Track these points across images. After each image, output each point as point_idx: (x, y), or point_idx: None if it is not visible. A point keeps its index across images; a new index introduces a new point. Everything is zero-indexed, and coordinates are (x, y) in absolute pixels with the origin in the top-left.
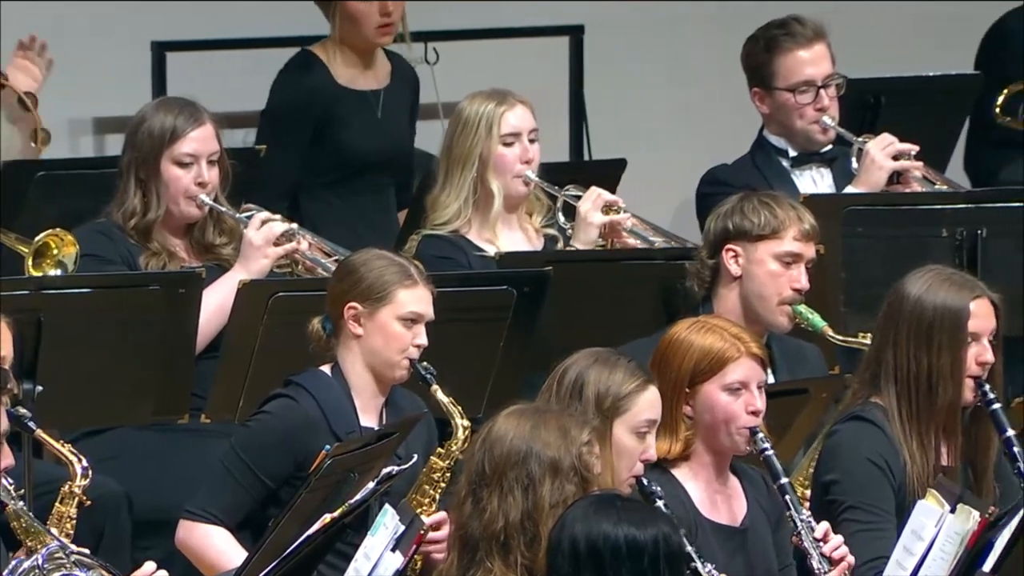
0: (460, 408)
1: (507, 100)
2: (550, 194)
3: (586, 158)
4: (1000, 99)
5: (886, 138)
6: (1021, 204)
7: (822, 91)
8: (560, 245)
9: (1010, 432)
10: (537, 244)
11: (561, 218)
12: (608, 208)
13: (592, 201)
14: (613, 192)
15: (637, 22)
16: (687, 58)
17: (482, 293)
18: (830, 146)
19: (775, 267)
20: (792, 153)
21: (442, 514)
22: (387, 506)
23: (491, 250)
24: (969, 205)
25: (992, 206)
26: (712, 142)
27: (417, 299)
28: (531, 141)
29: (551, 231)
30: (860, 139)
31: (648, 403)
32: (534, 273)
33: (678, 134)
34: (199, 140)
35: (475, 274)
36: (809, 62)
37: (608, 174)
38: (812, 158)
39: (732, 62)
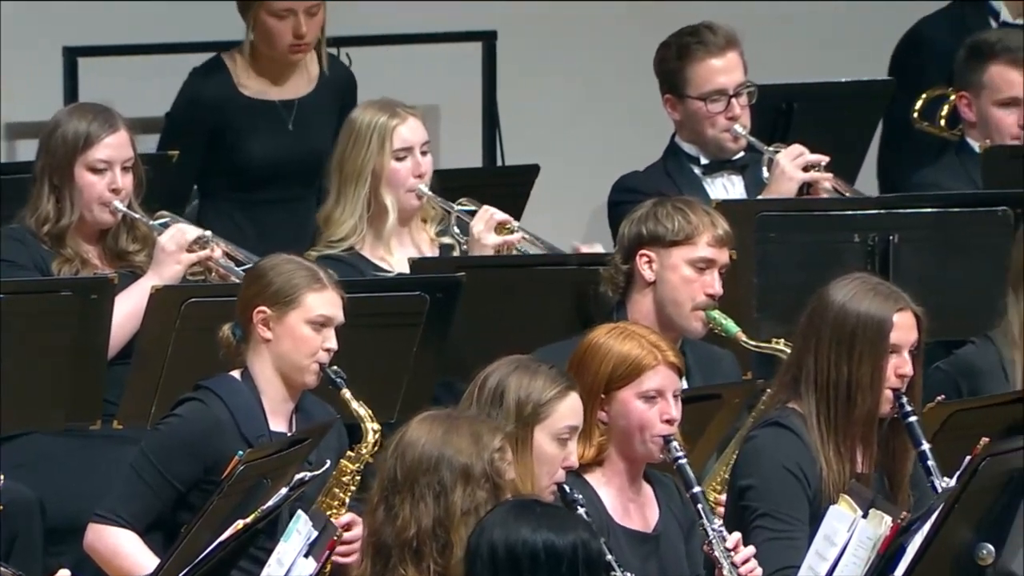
0: (370, 411)
1: (399, 113)
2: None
3: (499, 164)
4: (918, 104)
5: (796, 149)
6: (932, 210)
7: (733, 100)
8: (456, 254)
9: (925, 446)
10: (433, 254)
11: (456, 232)
12: (501, 227)
13: (485, 222)
14: (526, 198)
15: (550, 27)
16: (600, 63)
17: (395, 299)
18: (742, 153)
19: (689, 272)
20: (704, 160)
21: (352, 515)
22: (300, 512)
23: (387, 268)
24: (881, 211)
25: (904, 212)
26: (626, 147)
27: (326, 303)
28: (423, 154)
29: (447, 240)
30: (771, 148)
31: (569, 410)
32: (447, 279)
33: (592, 139)
34: (113, 146)
35: (388, 280)
36: (721, 71)
37: (521, 180)
38: (724, 165)
39: (645, 66)
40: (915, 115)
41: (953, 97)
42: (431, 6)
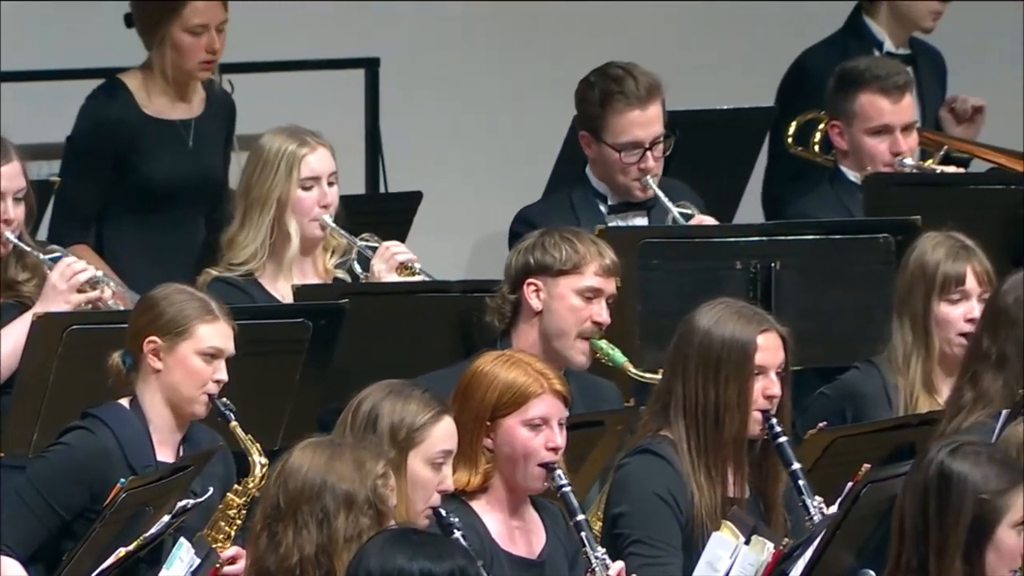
0: (259, 446)
1: (308, 142)
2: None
3: (382, 191)
4: (791, 129)
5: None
6: (814, 237)
7: (648, 152)
8: None
9: (796, 465)
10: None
11: (357, 268)
12: (403, 267)
13: (386, 261)
14: (409, 224)
15: (433, 54)
16: (483, 89)
17: (278, 326)
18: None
19: (576, 302)
20: (610, 200)
21: (237, 548)
22: (182, 539)
23: (278, 298)
24: (763, 238)
25: (785, 239)
26: (508, 174)
27: (217, 334)
28: (330, 184)
29: (340, 274)
30: (676, 207)
31: (443, 434)
32: (330, 306)
33: (475, 166)
34: (6, 177)
35: (270, 307)
36: (639, 124)
37: (404, 206)
38: (630, 206)
39: (528, 93)
40: (789, 140)
41: (824, 124)
42: (314, 33)
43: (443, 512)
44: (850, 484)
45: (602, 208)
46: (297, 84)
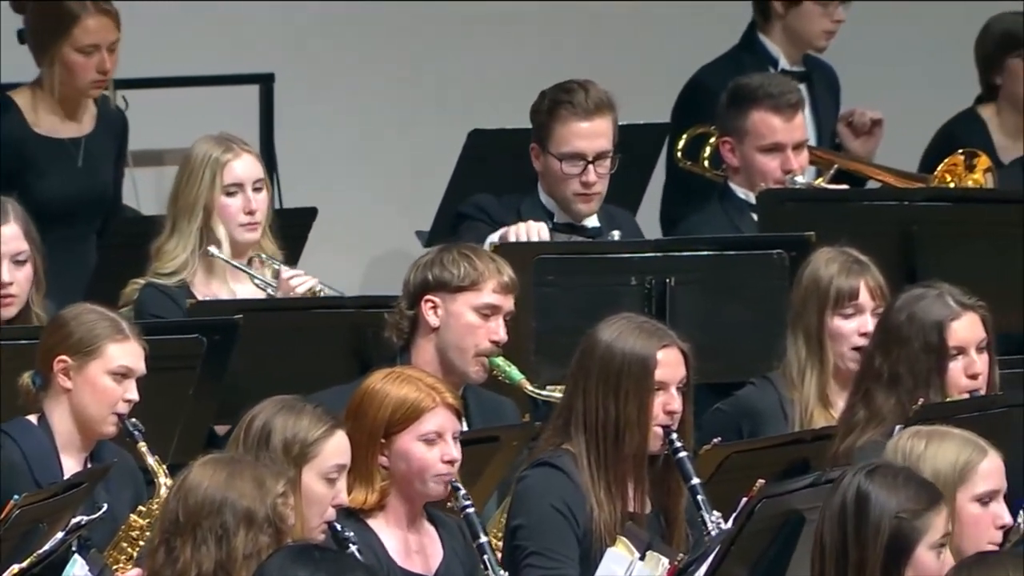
0: (165, 467)
1: (232, 148)
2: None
3: (277, 207)
4: (681, 143)
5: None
6: (709, 253)
7: (591, 166)
8: None
9: (695, 480)
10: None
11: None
12: (311, 292)
13: (287, 295)
14: (304, 240)
15: (328, 70)
16: (379, 106)
17: (171, 341)
18: (595, 221)
19: (473, 319)
20: (556, 219)
21: (138, 570)
22: (76, 555)
23: None
24: (658, 254)
25: (680, 254)
26: (404, 190)
27: (128, 353)
28: (256, 191)
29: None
30: (616, 233)
31: (336, 448)
32: (224, 321)
33: (370, 182)
34: (4, 240)
35: (164, 322)
36: (583, 135)
37: (299, 223)
38: (575, 229)
39: (424, 110)
40: (678, 154)
41: (715, 139)
42: (209, 49)
43: (338, 526)
44: (744, 499)
45: (548, 225)
46: (192, 100)
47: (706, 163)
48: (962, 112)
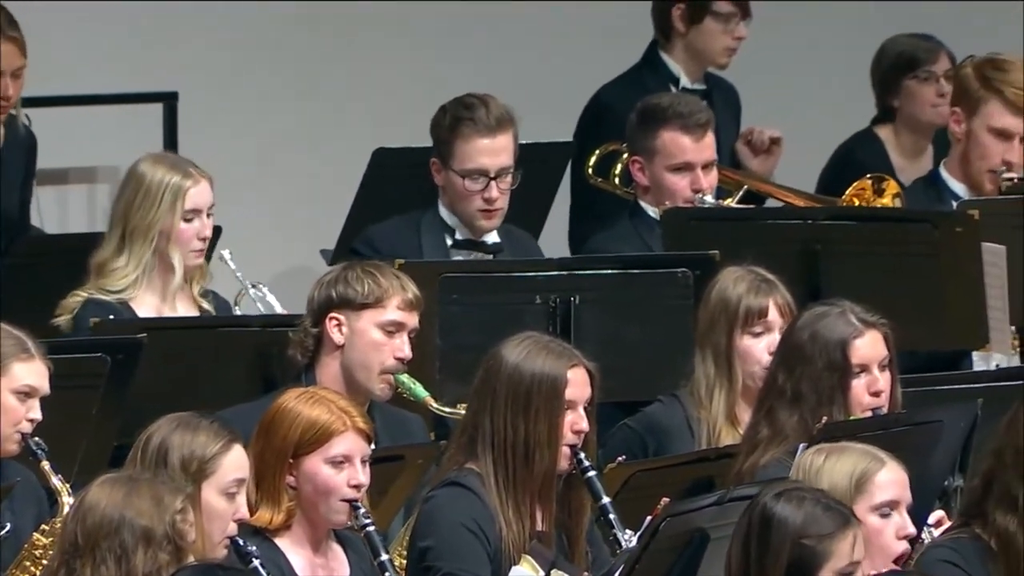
0: (68, 486)
1: (192, 175)
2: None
3: None
4: (592, 160)
5: None
6: (613, 271)
7: (493, 182)
8: None
9: (605, 499)
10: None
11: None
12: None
13: None
14: (209, 258)
15: (232, 88)
16: (283, 125)
17: (75, 360)
18: (495, 238)
19: (378, 336)
20: (458, 235)
21: None
22: None
23: None
24: (562, 272)
25: (584, 273)
26: (308, 210)
27: (33, 372)
28: (208, 216)
29: (206, 304)
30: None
31: (235, 463)
32: (127, 340)
33: (274, 201)
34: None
35: (68, 341)
36: (485, 152)
37: None
38: (476, 245)
39: (327, 130)
40: (589, 170)
41: (626, 156)
42: (112, 67)
43: (240, 541)
44: (649, 518)
45: (448, 241)
46: (95, 118)
47: (616, 181)
48: (860, 132)
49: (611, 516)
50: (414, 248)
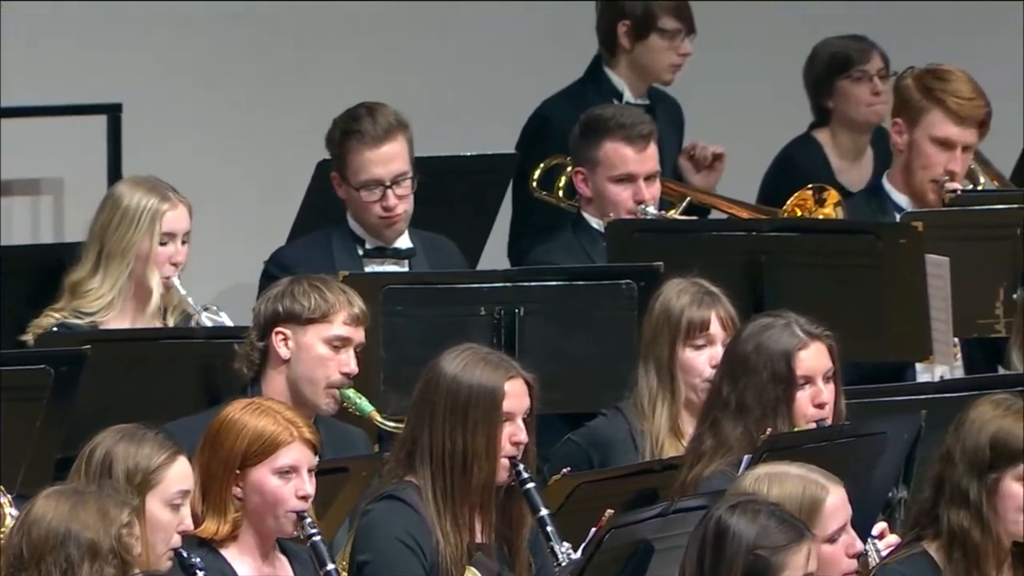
0: (10, 497)
1: (170, 199)
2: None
3: None
4: (537, 172)
5: None
6: (557, 283)
7: (389, 190)
8: None
9: (544, 511)
10: None
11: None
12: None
13: None
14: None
15: (176, 100)
16: (227, 137)
17: (18, 373)
18: (407, 242)
19: (324, 351)
20: (368, 245)
21: None
22: None
23: None
24: (507, 284)
25: (529, 285)
26: (252, 220)
27: None
28: (183, 243)
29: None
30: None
31: (179, 474)
32: (71, 352)
33: (219, 213)
34: None
35: (10, 353)
36: (376, 163)
37: None
38: (386, 252)
39: (272, 141)
40: (534, 184)
41: (570, 169)
42: (55, 79)
43: (184, 553)
44: (593, 529)
45: (359, 251)
46: (39, 130)
47: (561, 193)
48: (798, 137)
49: (548, 528)
50: (326, 264)
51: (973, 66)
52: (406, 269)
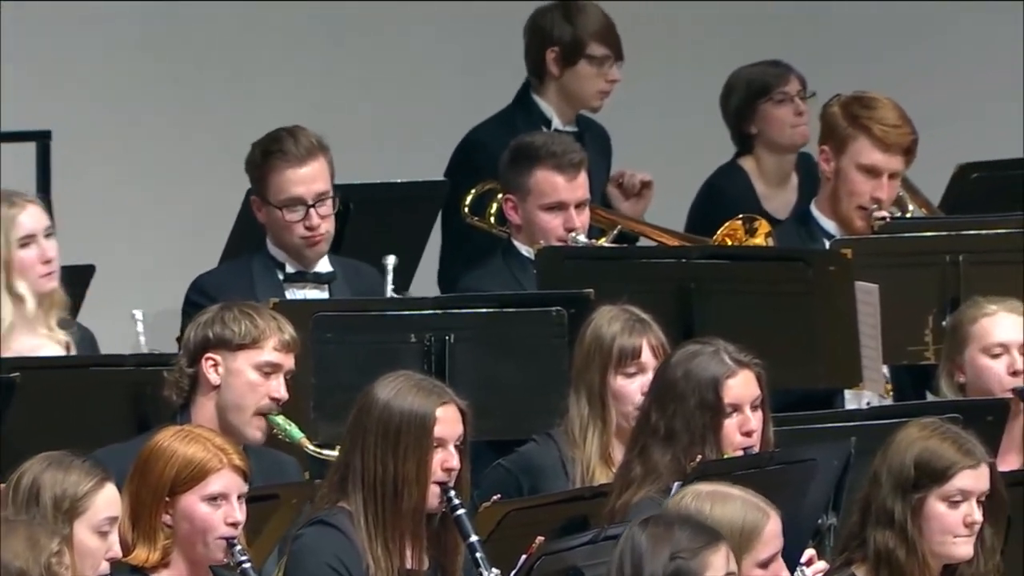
0: None
1: (16, 202)
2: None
3: None
4: (469, 198)
5: None
6: (487, 310)
7: (312, 210)
8: None
9: (474, 538)
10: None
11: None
12: None
13: None
14: (82, 299)
15: (106, 127)
16: (155, 163)
17: None
18: (328, 266)
19: (254, 377)
20: (288, 268)
21: None
22: None
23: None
24: (437, 311)
25: (459, 311)
26: (182, 247)
27: None
28: (47, 237)
29: (63, 335)
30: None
31: (107, 501)
32: None
33: (150, 241)
34: None
35: None
36: (298, 182)
37: (77, 280)
38: (306, 277)
39: (204, 169)
40: (466, 210)
41: (501, 196)
42: None
43: None
44: (524, 556)
45: (280, 276)
46: None
47: (492, 219)
48: (724, 165)
49: (478, 555)
50: (247, 289)
51: (968, 71)
52: (326, 295)
